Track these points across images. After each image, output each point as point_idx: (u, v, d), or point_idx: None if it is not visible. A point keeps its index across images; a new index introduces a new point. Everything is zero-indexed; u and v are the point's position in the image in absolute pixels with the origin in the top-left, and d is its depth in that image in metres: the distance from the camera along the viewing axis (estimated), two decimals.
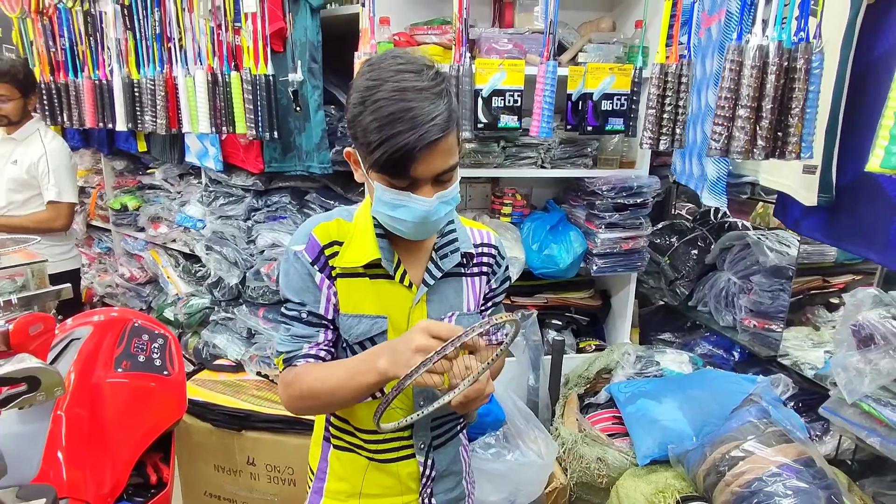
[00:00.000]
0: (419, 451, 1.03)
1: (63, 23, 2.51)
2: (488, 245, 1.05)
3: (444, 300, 0.98)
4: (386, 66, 0.80)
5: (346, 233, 0.94)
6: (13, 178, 2.25)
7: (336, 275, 0.93)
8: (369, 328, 0.94)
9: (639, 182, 1.96)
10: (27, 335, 0.93)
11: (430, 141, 0.77)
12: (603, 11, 2.17)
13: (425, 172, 0.80)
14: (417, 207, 0.83)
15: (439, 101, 0.79)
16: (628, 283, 2.23)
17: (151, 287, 3.06)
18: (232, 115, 1.87)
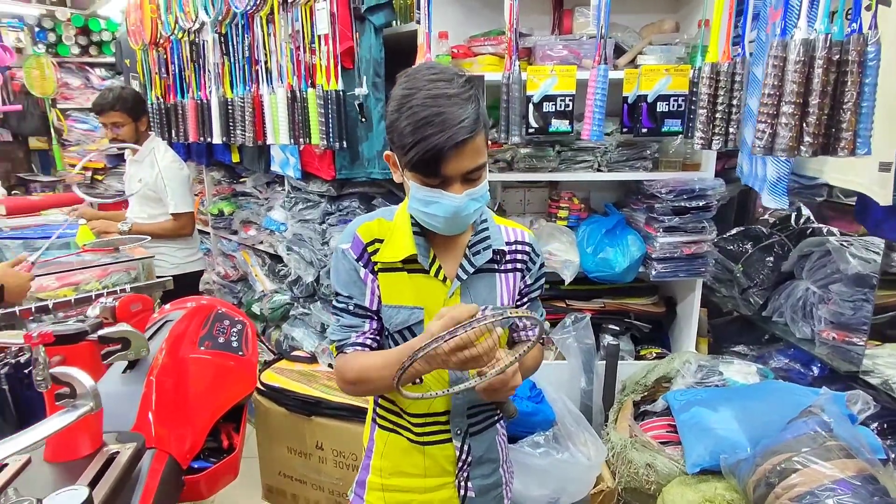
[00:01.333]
0: (455, 436, 1.09)
1: (174, 52, 2.89)
2: (522, 243, 1.09)
3: (477, 295, 1.04)
4: (420, 77, 0.89)
5: (386, 230, 1.04)
6: (141, 195, 2.59)
7: (377, 269, 1.03)
8: (407, 318, 1.02)
9: (702, 185, 1.90)
10: (129, 311, 1.13)
11: (458, 141, 0.84)
12: (667, 13, 2.13)
13: (454, 171, 0.88)
14: (448, 203, 0.90)
15: (468, 105, 0.86)
16: (693, 290, 2.15)
17: (242, 284, 3.39)
18: (308, 128, 2.07)
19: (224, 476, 1.31)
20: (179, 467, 1.15)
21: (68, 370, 0.71)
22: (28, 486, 0.86)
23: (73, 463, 0.92)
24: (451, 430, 1.09)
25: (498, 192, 2.22)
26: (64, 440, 0.93)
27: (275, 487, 2.29)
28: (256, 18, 2.24)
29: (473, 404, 1.09)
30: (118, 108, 2.45)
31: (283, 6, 2.06)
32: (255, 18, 2.24)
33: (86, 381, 0.70)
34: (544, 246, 2.01)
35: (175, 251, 2.67)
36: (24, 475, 0.89)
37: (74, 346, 0.93)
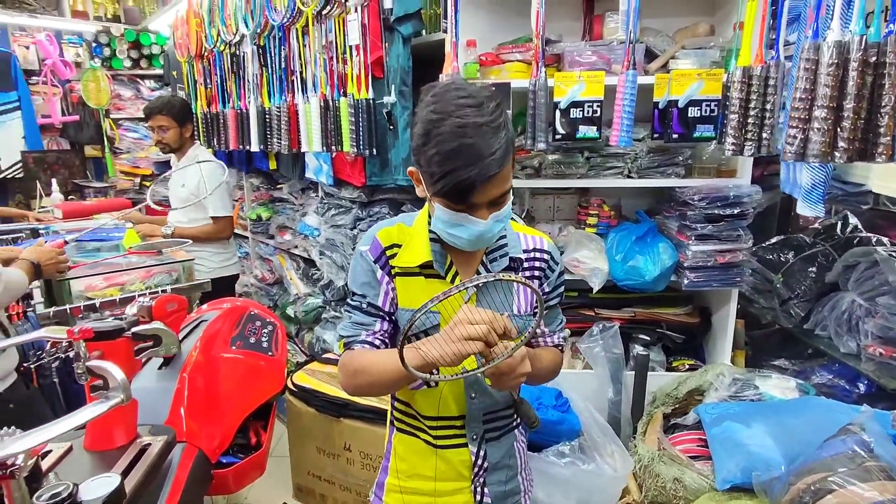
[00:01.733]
0: (471, 440, 1.09)
1: (217, 63, 3.02)
2: (540, 250, 1.09)
3: (493, 301, 1.04)
4: (448, 100, 0.87)
5: (405, 236, 1.06)
6: (184, 199, 2.72)
7: (395, 273, 1.05)
8: (423, 322, 1.03)
9: (736, 192, 1.84)
10: (164, 310, 1.19)
11: (489, 175, 0.85)
12: (703, 16, 2.08)
13: (482, 199, 0.89)
14: (473, 228, 0.91)
15: (498, 134, 0.86)
16: (729, 301, 2.08)
17: (278, 287, 3.48)
18: (340, 136, 2.12)
19: (251, 472, 1.36)
20: (208, 461, 1.20)
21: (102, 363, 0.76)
22: (67, 471, 0.92)
23: (109, 452, 0.98)
24: (467, 435, 1.09)
25: (526, 198, 2.21)
26: (101, 430, 0.98)
27: (304, 487, 2.34)
28: (292, 31, 2.31)
29: (489, 410, 1.10)
30: (164, 112, 2.60)
31: (317, 18, 2.13)
32: (291, 31, 2.32)
33: (117, 374, 0.75)
34: (572, 253, 2.00)
35: (213, 255, 2.78)
36: (65, 461, 0.95)
37: (112, 341, 0.99)
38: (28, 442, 0.67)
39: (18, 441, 0.66)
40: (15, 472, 0.67)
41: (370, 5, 1.91)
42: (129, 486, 0.86)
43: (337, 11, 2.04)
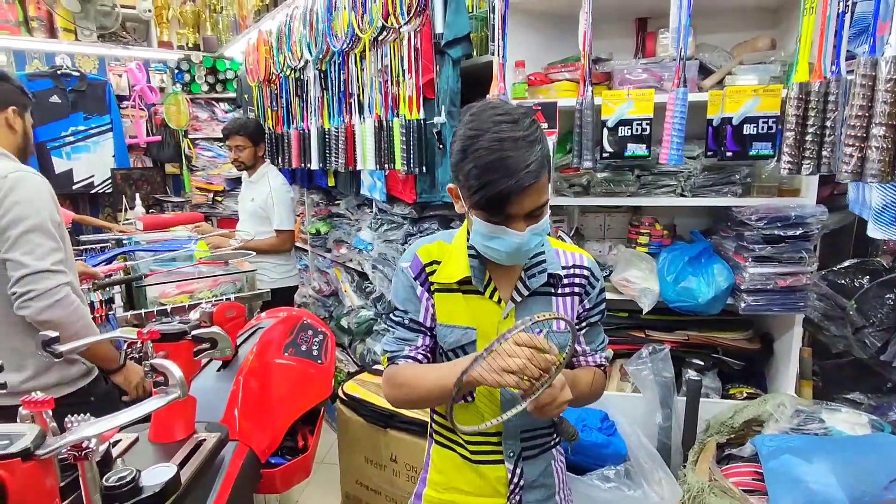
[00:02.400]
0: (508, 458, 1.10)
1: (283, 87, 3.22)
2: (580, 266, 1.09)
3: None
4: (485, 118, 0.92)
5: (444, 253, 1.08)
6: (252, 213, 2.94)
7: (434, 289, 1.08)
8: (460, 338, 1.06)
9: (799, 212, 1.74)
10: (224, 316, 1.29)
11: (524, 186, 0.87)
12: (765, 29, 2.01)
13: (519, 211, 0.91)
14: (511, 240, 0.93)
15: (533, 148, 0.89)
16: (793, 327, 1.96)
17: (333, 299, 3.62)
18: (392, 154, 2.21)
19: (297, 473, 1.43)
20: (258, 460, 1.27)
21: (163, 362, 0.84)
22: (133, 459, 1.01)
23: (169, 444, 1.06)
24: (504, 453, 1.09)
25: (575, 216, 2.20)
26: (163, 424, 1.08)
27: (352, 495, 2.39)
28: (351, 56, 2.44)
29: (527, 428, 1.10)
30: (241, 133, 2.83)
31: (373, 44, 2.24)
32: (350, 56, 2.46)
33: (176, 372, 0.83)
34: (622, 272, 1.96)
35: (275, 267, 2.95)
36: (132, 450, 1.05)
37: (176, 343, 1.09)
38: (99, 427, 0.75)
39: (91, 426, 0.75)
40: (88, 455, 0.76)
41: (423, 30, 1.99)
42: (183, 477, 0.93)
43: (392, 37, 2.14)
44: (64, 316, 1.37)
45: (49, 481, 0.74)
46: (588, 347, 1.14)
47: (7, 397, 1.23)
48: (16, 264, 1.35)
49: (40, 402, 0.76)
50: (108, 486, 0.77)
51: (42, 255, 1.36)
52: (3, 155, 1.47)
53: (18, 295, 1.35)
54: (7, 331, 1.44)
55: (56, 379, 1.49)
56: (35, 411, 0.77)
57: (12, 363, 1.43)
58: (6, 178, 1.38)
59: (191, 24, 4.61)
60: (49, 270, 1.36)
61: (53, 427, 0.77)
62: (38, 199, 1.40)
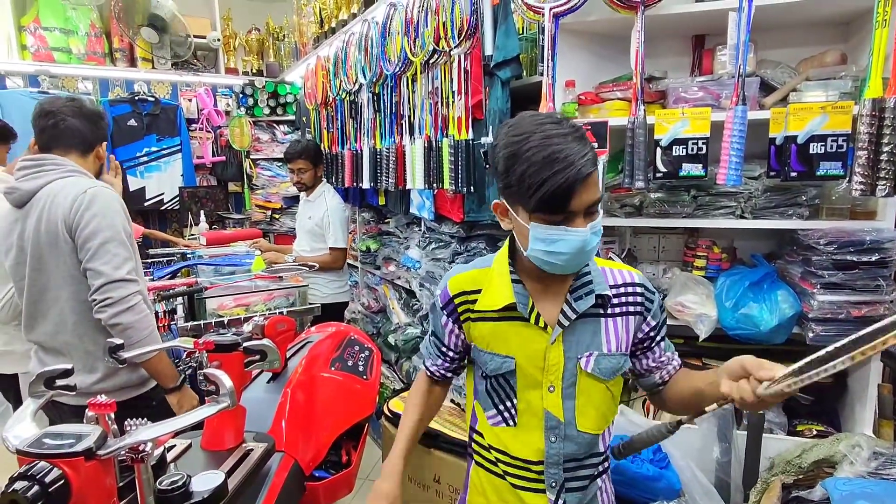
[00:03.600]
0: (550, 488, 1.05)
1: (338, 110, 3.35)
2: (631, 284, 1.05)
3: (580, 341, 1.02)
4: (527, 124, 0.92)
5: (484, 280, 1.07)
6: (310, 230, 3.06)
7: (467, 318, 1.09)
8: (500, 365, 1.05)
9: (875, 236, 1.62)
10: (275, 329, 1.33)
11: (584, 175, 0.87)
12: (834, 43, 1.91)
13: (580, 204, 0.89)
14: (574, 239, 0.91)
15: (583, 142, 0.89)
16: (869, 361, 1.81)
17: (381, 316, 3.66)
18: (441, 174, 2.24)
19: (340, 488, 1.44)
20: (302, 472, 1.29)
21: (215, 372, 0.88)
22: (185, 464, 1.05)
23: (219, 452, 1.10)
24: (546, 482, 1.05)
25: (627, 237, 2.14)
26: (214, 432, 1.12)
27: None
28: (403, 79, 2.51)
29: (571, 457, 1.05)
30: (304, 157, 2.96)
31: (424, 67, 2.29)
32: (402, 79, 2.52)
33: (227, 381, 0.86)
34: (677, 297, 1.88)
35: (328, 283, 3.03)
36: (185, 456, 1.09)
37: (228, 353, 1.13)
38: (155, 432, 0.79)
39: (147, 430, 0.79)
40: (144, 458, 0.80)
41: (473, 52, 2.02)
42: (231, 485, 0.96)
43: (443, 60, 2.18)
44: (135, 321, 1.46)
45: (108, 480, 0.79)
46: (669, 353, 1.11)
47: (79, 397, 1.31)
48: (96, 273, 1.46)
49: (104, 405, 0.81)
50: (161, 489, 0.80)
51: (118, 264, 1.47)
52: (81, 173, 1.60)
53: (97, 301, 1.45)
54: (82, 335, 1.55)
55: (123, 382, 1.58)
56: (99, 413, 0.82)
57: (85, 365, 1.54)
58: (85, 193, 1.50)
59: (255, 52, 4.89)
60: (125, 280, 1.47)
61: (115, 429, 0.81)
62: (113, 211, 1.52)
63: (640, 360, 1.10)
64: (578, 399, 1.03)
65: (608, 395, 1.06)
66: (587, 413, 1.04)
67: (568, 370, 1.01)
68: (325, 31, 3.56)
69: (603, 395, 1.05)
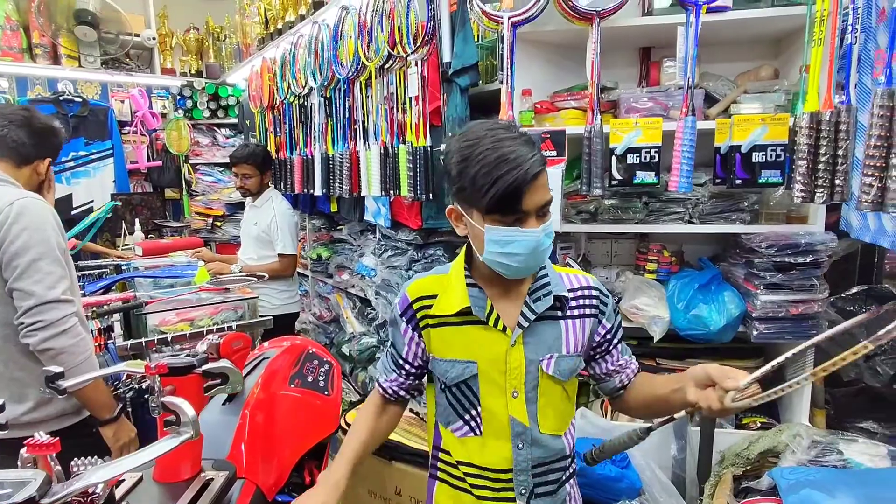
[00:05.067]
0: (520, 496, 1.05)
1: (286, 113, 3.24)
2: (587, 288, 1.08)
3: (541, 342, 1.03)
4: (478, 129, 0.95)
5: (440, 285, 1.07)
6: (255, 237, 2.91)
7: (426, 325, 1.07)
8: (461, 372, 1.04)
9: (808, 239, 1.74)
10: (231, 348, 1.25)
11: (534, 174, 0.90)
12: (766, 59, 2.05)
13: (531, 204, 0.92)
14: (527, 239, 0.92)
15: (531, 145, 0.93)
16: (805, 355, 1.93)
17: (334, 325, 3.57)
18: (398, 181, 2.20)
19: None
20: (265, 499, 1.22)
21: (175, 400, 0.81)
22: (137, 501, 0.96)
23: (175, 484, 1.02)
24: (515, 489, 1.05)
25: (582, 242, 2.19)
26: (169, 463, 1.03)
27: None
28: (356, 83, 2.46)
29: (540, 462, 1.06)
30: (250, 161, 2.82)
31: (379, 72, 2.26)
32: (355, 83, 2.47)
33: (189, 411, 0.79)
34: (631, 300, 1.94)
35: (277, 293, 2.91)
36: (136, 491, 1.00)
37: (184, 377, 1.05)
38: (106, 473, 0.71)
39: (98, 472, 0.71)
40: (94, 500, 0.72)
41: (430, 59, 2.01)
42: None
43: (398, 65, 2.16)
44: (69, 346, 1.33)
45: None
46: (626, 357, 1.13)
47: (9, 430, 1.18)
48: (24, 294, 1.32)
49: (45, 444, 0.73)
50: None
51: (51, 283, 1.34)
52: (8, 182, 1.45)
53: (26, 325, 1.31)
54: (8, 360, 1.40)
55: (58, 411, 1.44)
56: (39, 454, 0.73)
57: (13, 394, 1.39)
58: (12, 205, 1.36)
59: (194, 52, 4.66)
60: (59, 300, 1.34)
61: (58, 472, 0.73)
62: (45, 225, 1.38)
63: (598, 364, 1.13)
64: (539, 401, 1.04)
65: (565, 395, 1.08)
66: (547, 414, 1.05)
67: (529, 373, 1.02)
68: (270, 33, 3.45)
69: (561, 396, 1.07)
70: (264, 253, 2.92)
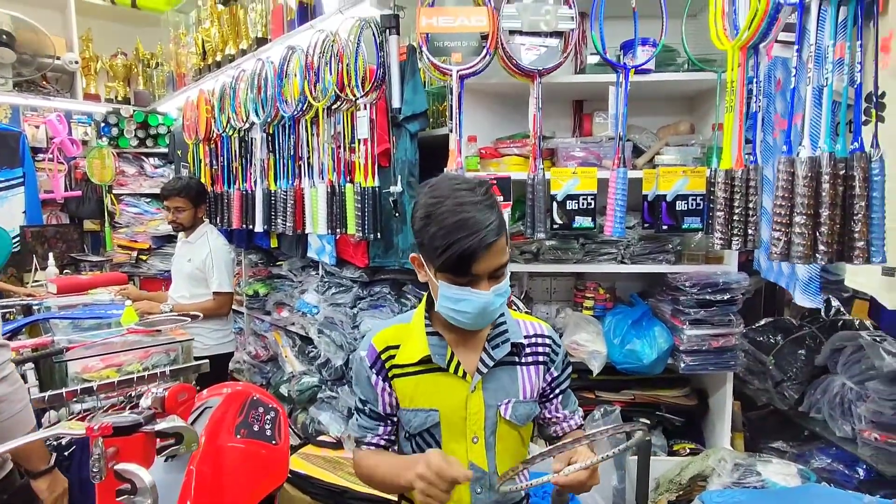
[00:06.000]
0: None
1: (224, 146, 3.16)
2: (541, 336, 1.12)
3: (499, 388, 1.06)
4: (444, 187, 0.98)
5: (403, 335, 1.09)
6: (189, 274, 2.74)
7: (393, 375, 1.07)
8: (424, 421, 1.05)
9: (725, 278, 1.93)
10: (176, 401, 1.19)
11: (489, 242, 0.92)
12: (683, 115, 2.28)
13: (483, 269, 0.94)
14: (476, 300, 0.96)
15: (491, 211, 0.95)
16: (725, 383, 2.12)
17: (272, 365, 3.44)
18: (345, 219, 2.21)
19: None
20: None
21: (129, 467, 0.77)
22: None
23: None
24: None
25: (525, 280, 2.29)
26: None
27: None
28: (302, 121, 2.47)
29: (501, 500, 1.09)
30: (183, 194, 2.66)
31: (327, 111, 2.28)
32: (300, 121, 2.48)
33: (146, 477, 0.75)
34: (571, 336, 2.04)
35: (211, 332, 2.77)
36: None
37: (129, 437, 0.99)
38: None
39: None
40: None
41: (378, 103, 2.06)
42: None
43: (346, 106, 2.19)
44: (8, 394, 1.21)
45: None
46: (566, 412, 1.17)
47: None
48: None
49: None
50: None
51: None
52: None
53: None
54: None
55: None
56: None
57: None
58: None
59: (121, 77, 4.45)
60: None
61: None
62: None
63: (539, 409, 1.16)
64: (498, 446, 1.07)
65: (520, 440, 1.11)
66: (505, 460, 1.08)
67: (489, 418, 1.05)
68: (208, 64, 3.37)
69: (517, 441, 1.10)
70: (197, 291, 2.78)
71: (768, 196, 1.57)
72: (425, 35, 1.77)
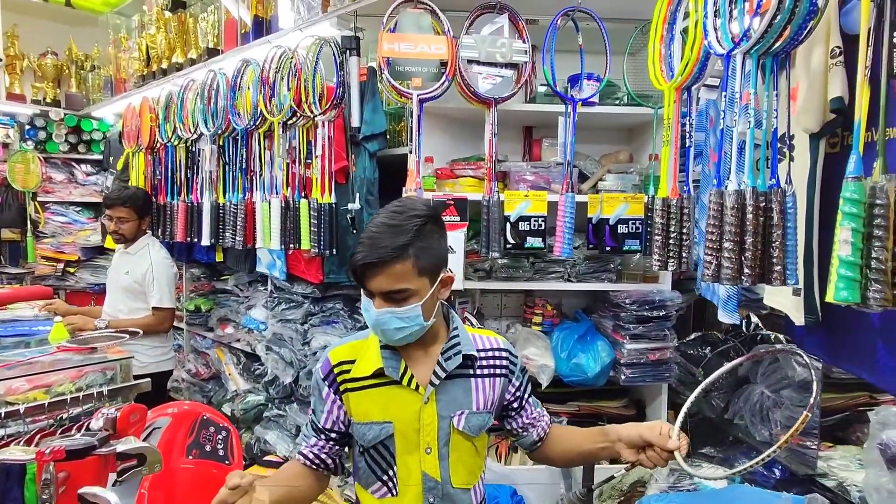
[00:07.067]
0: None
1: (168, 156, 3.05)
2: (497, 349, 1.17)
3: (452, 400, 1.10)
4: (388, 208, 1.05)
5: (359, 350, 1.12)
6: (126, 287, 2.60)
7: (345, 389, 1.10)
8: (378, 434, 1.08)
9: (661, 296, 2.09)
10: (128, 422, 1.16)
11: (373, 262, 0.96)
12: (622, 144, 2.46)
13: (374, 287, 1.00)
14: (370, 314, 1.02)
15: (398, 237, 0.96)
16: (661, 393, 2.27)
17: (213, 383, 3.31)
18: (299, 235, 2.20)
19: None
20: None
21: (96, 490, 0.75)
22: None
23: None
24: None
25: (477, 297, 2.36)
26: None
27: None
28: (255, 134, 2.44)
29: None
30: (128, 205, 2.54)
31: (282, 126, 2.27)
32: (253, 134, 2.45)
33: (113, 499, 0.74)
34: (521, 350, 2.13)
35: (150, 349, 2.64)
36: None
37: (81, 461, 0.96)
38: None
39: None
40: None
41: (336, 121, 2.09)
42: None
43: (302, 122, 2.20)
44: None
45: None
46: (537, 412, 1.23)
47: None
48: None
49: None
50: None
51: None
52: None
53: None
54: None
55: None
56: None
57: None
58: None
59: (50, 78, 4.19)
60: None
61: None
62: None
63: (514, 419, 1.21)
64: (451, 456, 1.10)
65: (474, 450, 1.15)
66: (458, 470, 1.11)
67: (442, 429, 1.09)
68: (153, 71, 3.26)
69: (470, 451, 1.14)
70: (135, 305, 2.65)
71: (703, 220, 1.74)
72: (386, 59, 1.83)
